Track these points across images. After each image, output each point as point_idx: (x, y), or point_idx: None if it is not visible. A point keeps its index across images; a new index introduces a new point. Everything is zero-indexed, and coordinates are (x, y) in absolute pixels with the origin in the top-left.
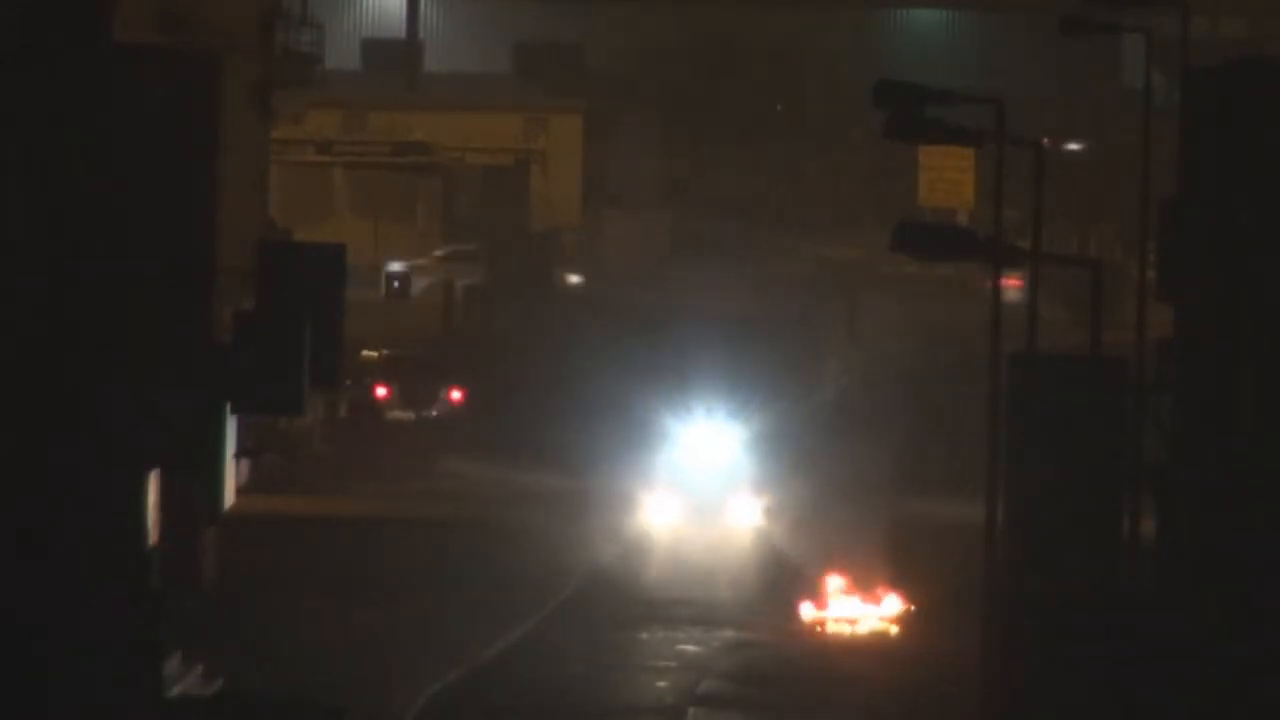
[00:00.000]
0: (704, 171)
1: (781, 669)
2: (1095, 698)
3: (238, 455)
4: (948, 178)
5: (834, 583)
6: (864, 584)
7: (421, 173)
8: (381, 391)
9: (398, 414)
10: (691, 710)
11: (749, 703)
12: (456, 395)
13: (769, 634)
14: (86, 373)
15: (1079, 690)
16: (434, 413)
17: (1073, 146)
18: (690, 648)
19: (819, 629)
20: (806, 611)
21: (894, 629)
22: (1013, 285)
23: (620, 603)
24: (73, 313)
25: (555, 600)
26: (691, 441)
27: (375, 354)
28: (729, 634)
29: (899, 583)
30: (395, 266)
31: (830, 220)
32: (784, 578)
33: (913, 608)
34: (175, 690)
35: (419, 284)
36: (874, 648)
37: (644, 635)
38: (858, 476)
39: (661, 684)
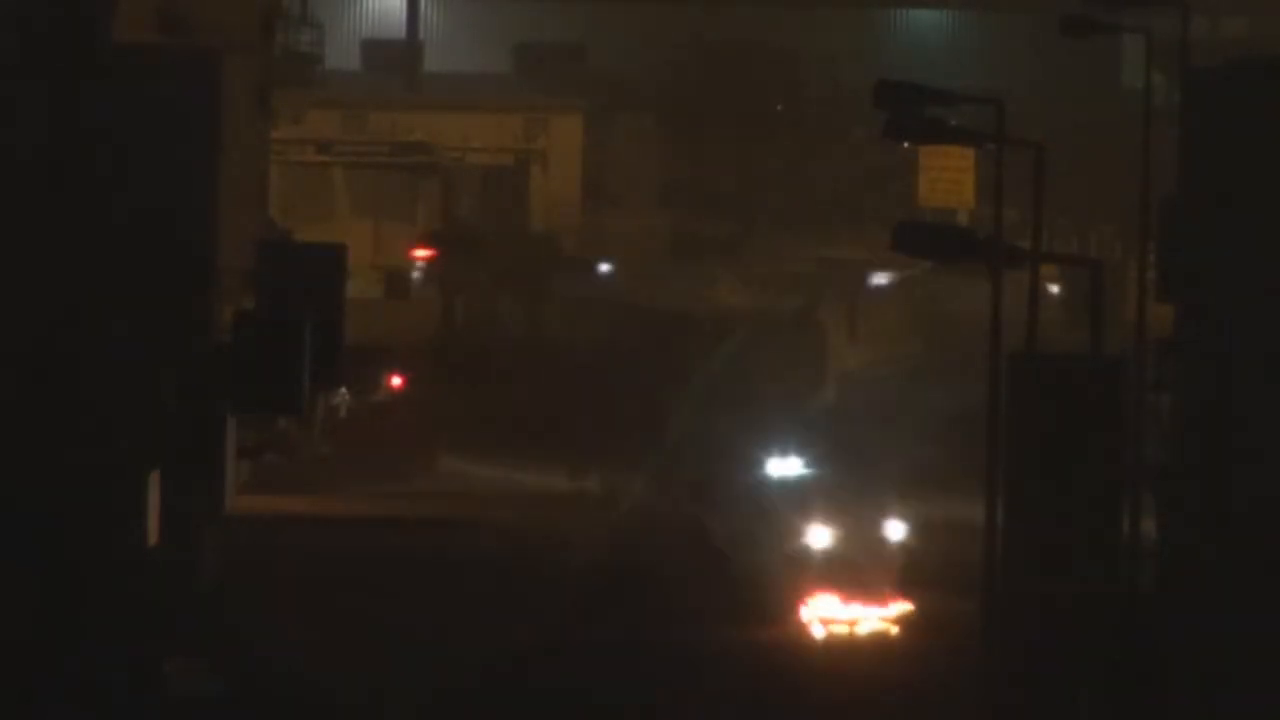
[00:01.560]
0: (704, 171)
1: (781, 668)
2: (1096, 697)
3: (238, 455)
4: (948, 178)
5: (836, 584)
6: (868, 585)
7: (421, 173)
8: None
9: (336, 399)
10: (691, 708)
11: (748, 701)
12: (397, 381)
13: (770, 633)
14: (87, 373)
15: (1079, 690)
16: (375, 398)
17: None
18: (691, 646)
19: (820, 629)
20: (808, 612)
21: (894, 629)
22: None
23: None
24: (73, 313)
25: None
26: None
27: None
28: (730, 633)
29: (902, 583)
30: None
31: (830, 220)
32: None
33: (914, 608)
34: (175, 690)
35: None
36: (874, 648)
37: (645, 634)
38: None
39: (662, 682)
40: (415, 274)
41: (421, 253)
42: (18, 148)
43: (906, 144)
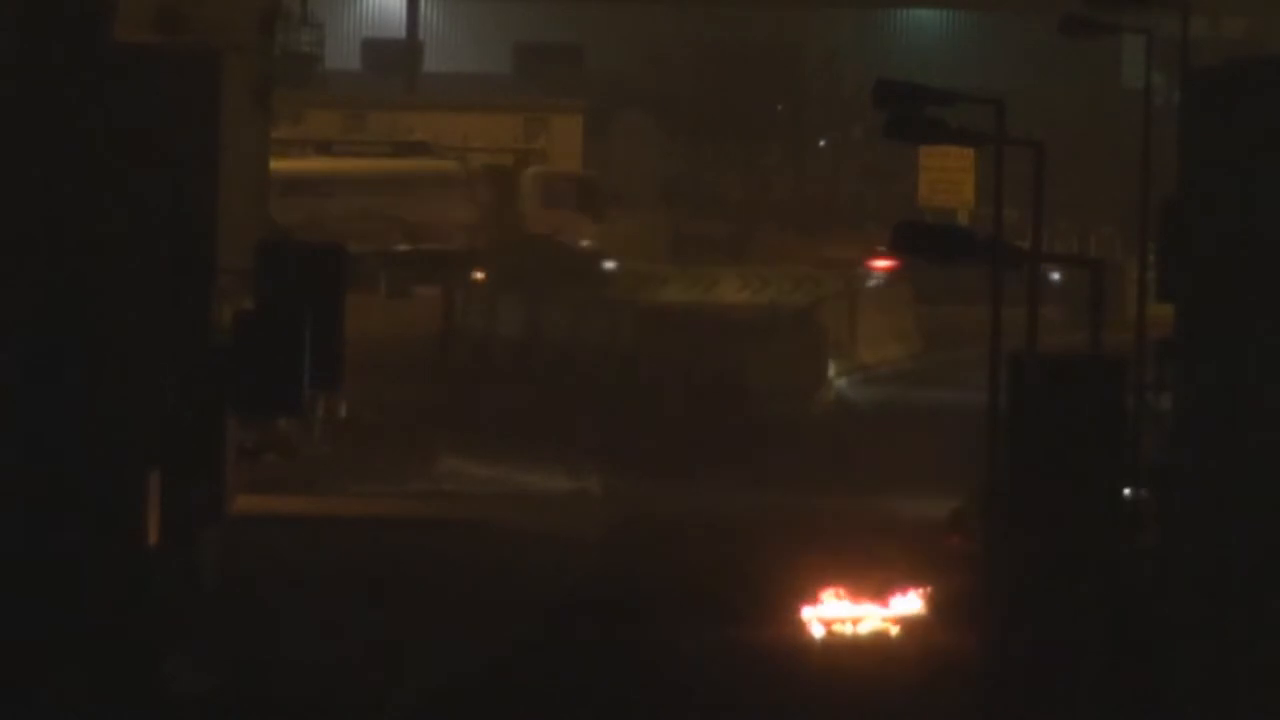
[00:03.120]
0: (704, 171)
1: (780, 668)
2: (1095, 697)
3: (238, 455)
4: (948, 178)
5: (838, 583)
6: (869, 584)
7: None
8: None
9: None
10: (688, 707)
11: (746, 700)
12: None
13: (769, 632)
14: (86, 373)
15: (1079, 690)
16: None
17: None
18: (688, 646)
19: (820, 629)
20: (809, 612)
21: (895, 629)
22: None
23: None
24: (73, 312)
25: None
26: None
27: None
28: (729, 632)
29: (900, 583)
30: None
31: (830, 220)
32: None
33: (912, 608)
34: (175, 690)
35: None
36: (874, 647)
37: (641, 633)
38: None
39: (658, 682)
40: (872, 284)
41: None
42: (16, 147)
43: (901, 144)
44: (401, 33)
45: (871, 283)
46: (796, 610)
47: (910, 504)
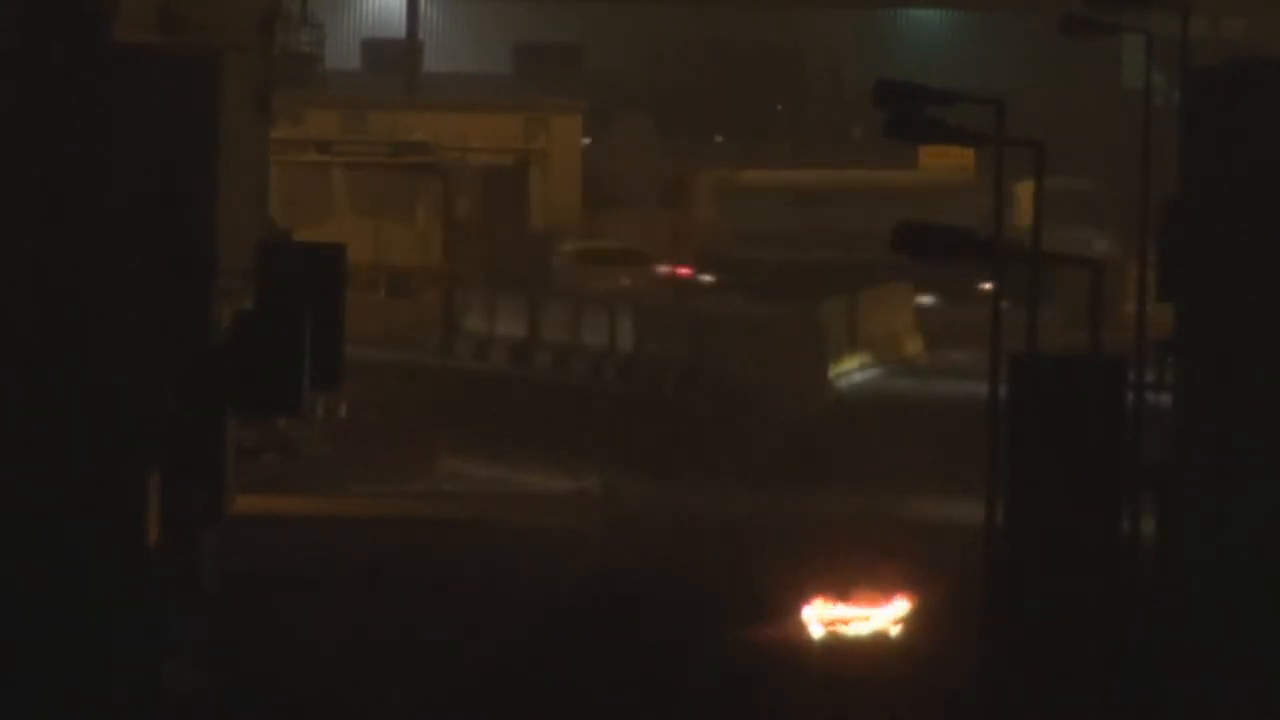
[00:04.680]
0: (704, 172)
1: (780, 668)
2: (1094, 697)
3: (238, 455)
4: None
5: (838, 584)
6: (868, 584)
7: (421, 173)
8: None
9: None
10: (686, 707)
11: (745, 701)
12: None
13: (768, 633)
14: (86, 373)
15: (1077, 690)
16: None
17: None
18: (687, 645)
19: (820, 629)
20: (809, 612)
21: (895, 629)
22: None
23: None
24: (72, 313)
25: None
26: None
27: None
28: (728, 632)
29: (901, 583)
30: None
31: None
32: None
33: (913, 609)
34: (175, 690)
35: None
36: (874, 648)
37: (639, 633)
38: None
39: (656, 682)
40: None
41: None
42: (16, 146)
43: (901, 144)
44: (401, 33)
45: None
46: (797, 610)
47: (911, 505)
